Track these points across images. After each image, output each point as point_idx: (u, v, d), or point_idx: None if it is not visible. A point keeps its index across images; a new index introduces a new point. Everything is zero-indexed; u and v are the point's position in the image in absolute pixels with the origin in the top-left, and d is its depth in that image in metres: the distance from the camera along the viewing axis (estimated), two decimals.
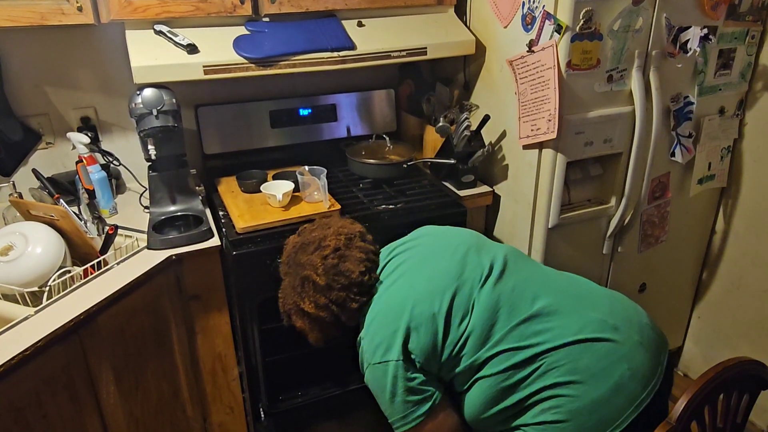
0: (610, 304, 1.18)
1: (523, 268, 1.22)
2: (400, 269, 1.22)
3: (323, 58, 1.71)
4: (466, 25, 1.96)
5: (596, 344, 1.10)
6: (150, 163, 1.66)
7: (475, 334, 1.12)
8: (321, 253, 1.21)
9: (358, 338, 1.23)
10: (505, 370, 1.10)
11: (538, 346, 1.10)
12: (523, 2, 1.65)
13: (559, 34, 1.54)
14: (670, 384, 1.18)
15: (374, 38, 1.80)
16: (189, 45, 1.59)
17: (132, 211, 1.80)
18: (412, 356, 1.13)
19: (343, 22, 1.81)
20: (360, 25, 1.83)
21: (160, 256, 1.51)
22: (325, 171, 1.73)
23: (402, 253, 1.27)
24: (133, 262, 1.49)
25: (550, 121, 1.60)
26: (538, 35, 1.62)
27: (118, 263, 1.48)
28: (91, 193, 1.71)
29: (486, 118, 1.86)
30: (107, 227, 1.56)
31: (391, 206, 1.73)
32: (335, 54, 1.73)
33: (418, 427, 1.15)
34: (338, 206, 1.68)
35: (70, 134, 1.74)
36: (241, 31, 1.70)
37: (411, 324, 1.12)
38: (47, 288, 1.32)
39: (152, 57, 1.56)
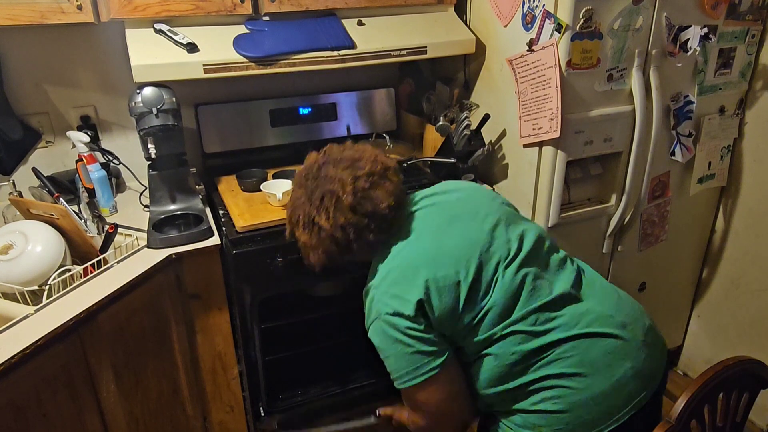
0: (619, 302, 1.19)
1: (548, 252, 1.20)
2: (426, 223, 1.17)
3: (323, 56, 1.71)
4: (466, 24, 1.96)
5: (604, 339, 1.10)
6: (150, 162, 1.66)
7: (494, 310, 1.10)
8: (353, 172, 1.14)
9: (367, 287, 1.17)
10: (515, 353, 1.10)
11: (551, 333, 1.09)
12: (523, 1, 1.65)
13: (559, 33, 1.53)
14: (665, 384, 1.19)
15: (374, 37, 1.80)
16: (189, 44, 1.59)
17: (132, 210, 1.80)
18: (429, 316, 1.09)
19: (343, 21, 1.81)
20: (360, 24, 1.83)
21: (160, 255, 1.51)
22: None
23: (429, 207, 1.21)
24: (133, 260, 1.49)
25: (552, 120, 1.60)
26: (538, 34, 1.61)
27: (118, 262, 1.48)
28: (91, 192, 1.71)
29: (486, 117, 1.86)
30: (107, 226, 1.56)
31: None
32: (335, 53, 1.73)
33: (429, 381, 1.10)
34: None
35: (70, 133, 1.74)
36: (241, 30, 1.70)
37: (432, 285, 1.08)
38: (47, 287, 1.32)
39: (152, 56, 1.56)
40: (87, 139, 1.72)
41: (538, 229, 1.22)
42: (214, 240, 1.58)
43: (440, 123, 1.91)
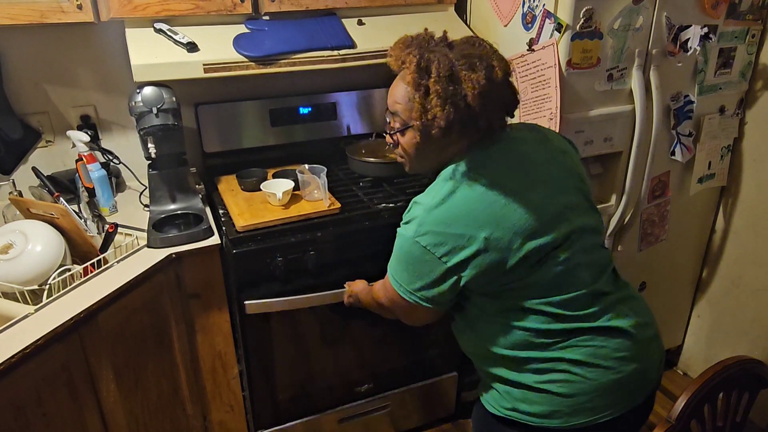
0: (637, 305, 1.20)
1: (598, 247, 1.19)
2: (508, 171, 1.10)
3: (323, 56, 1.71)
4: (466, 23, 1.96)
5: (619, 338, 1.11)
6: (150, 162, 1.66)
7: (533, 287, 1.08)
8: (505, 61, 1.10)
9: (419, 200, 1.11)
10: (535, 329, 1.09)
11: (577, 322, 1.09)
12: (524, 1, 1.65)
13: (560, 32, 1.53)
14: (658, 387, 1.21)
15: (374, 37, 1.80)
16: (189, 43, 1.59)
17: (132, 210, 1.80)
18: (465, 270, 1.06)
19: (344, 20, 1.81)
20: (360, 23, 1.83)
21: (160, 254, 1.51)
22: (325, 169, 1.73)
23: (520, 150, 1.15)
24: (133, 260, 1.49)
25: (551, 120, 1.60)
26: (539, 34, 1.61)
27: (118, 261, 1.48)
28: (91, 192, 1.71)
29: None
30: (107, 225, 1.56)
31: (391, 205, 1.73)
32: (335, 52, 1.73)
33: (414, 306, 1.13)
34: (338, 205, 1.68)
35: (69, 132, 1.74)
36: (241, 29, 1.70)
37: (483, 245, 1.04)
38: (47, 286, 1.32)
39: (152, 55, 1.56)
40: (87, 138, 1.72)
41: (598, 223, 1.20)
42: (214, 239, 1.58)
43: None
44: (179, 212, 1.68)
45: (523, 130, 1.21)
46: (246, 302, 1.59)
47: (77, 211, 1.63)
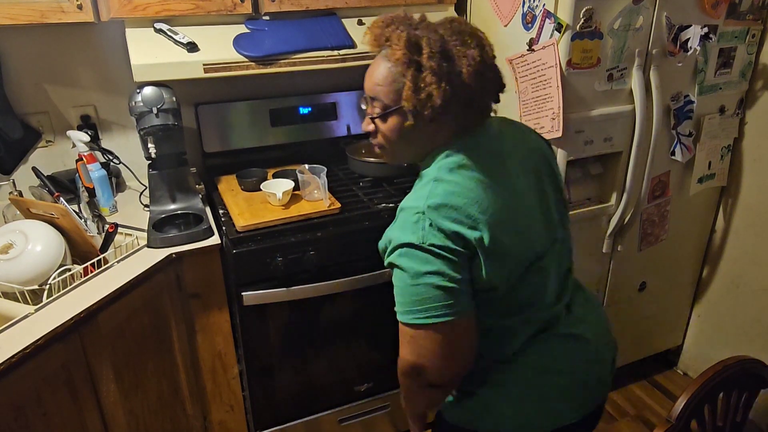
0: (592, 305, 1.21)
1: (567, 258, 1.19)
2: (494, 171, 1.02)
3: (323, 56, 1.71)
4: None
5: (581, 342, 1.12)
6: (150, 162, 1.66)
7: (509, 294, 1.03)
8: (490, 42, 1.04)
9: (413, 207, 0.98)
10: (501, 336, 1.08)
11: (545, 328, 1.09)
12: (524, 1, 1.65)
13: (560, 32, 1.53)
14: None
15: None
16: (189, 43, 1.59)
17: (132, 210, 1.80)
18: (476, 257, 0.97)
19: (344, 20, 1.81)
20: (360, 23, 1.83)
21: (160, 254, 1.51)
22: (325, 169, 1.73)
23: (497, 153, 1.06)
24: (133, 260, 1.49)
25: (554, 119, 1.60)
26: (539, 34, 1.61)
27: (118, 261, 1.48)
28: (91, 192, 1.71)
29: None
30: (107, 225, 1.56)
31: (391, 205, 1.73)
32: (335, 52, 1.73)
33: (439, 325, 0.95)
34: (338, 204, 1.68)
35: (70, 132, 1.74)
36: (241, 29, 1.70)
37: (488, 233, 0.96)
38: (47, 286, 1.32)
39: (152, 55, 1.56)
40: (87, 138, 1.72)
41: (567, 231, 1.19)
42: (214, 239, 1.58)
43: None
44: (179, 212, 1.68)
45: (503, 123, 1.14)
46: (243, 293, 1.59)
47: (77, 211, 1.63)
